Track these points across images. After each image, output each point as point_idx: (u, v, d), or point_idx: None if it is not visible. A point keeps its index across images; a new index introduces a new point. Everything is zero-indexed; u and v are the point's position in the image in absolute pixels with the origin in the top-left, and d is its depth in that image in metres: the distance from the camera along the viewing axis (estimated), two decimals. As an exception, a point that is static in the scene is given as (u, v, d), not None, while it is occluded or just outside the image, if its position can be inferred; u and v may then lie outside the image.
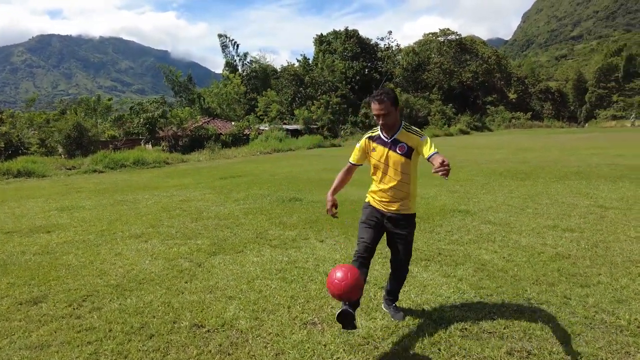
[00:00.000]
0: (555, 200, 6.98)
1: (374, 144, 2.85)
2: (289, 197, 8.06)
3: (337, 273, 2.33)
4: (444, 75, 55.91)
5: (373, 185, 2.94)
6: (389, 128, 2.75)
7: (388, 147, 2.76)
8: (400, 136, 2.74)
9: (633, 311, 2.95)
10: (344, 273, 2.31)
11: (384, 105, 2.67)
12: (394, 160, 2.74)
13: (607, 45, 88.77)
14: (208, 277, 3.93)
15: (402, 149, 2.72)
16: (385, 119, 2.70)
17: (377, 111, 2.70)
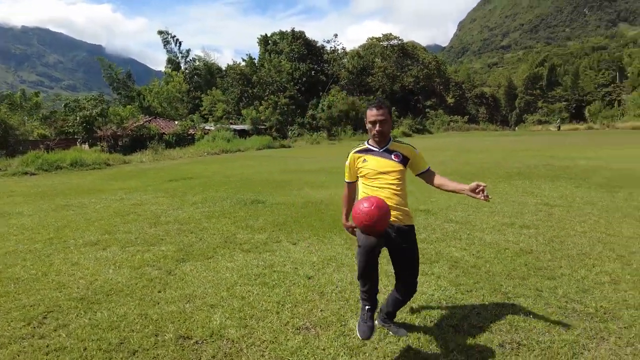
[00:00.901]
0: (506, 199, 7.44)
1: (363, 155, 2.73)
2: (250, 199, 7.88)
3: (364, 203, 2.30)
4: (387, 80, 57.74)
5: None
6: (383, 137, 2.66)
7: (382, 155, 2.66)
8: (393, 147, 2.68)
9: (597, 299, 3.22)
10: (369, 202, 2.29)
11: (383, 111, 2.60)
12: (390, 167, 2.63)
13: (531, 55, 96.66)
14: (183, 285, 3.73)
15: (397, 157, 2.64)
16: (383, 126, 2.61)
17: (375, 117, 2.60)
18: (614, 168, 11.31)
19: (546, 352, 2.50)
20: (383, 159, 2.66)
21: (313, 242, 4.99)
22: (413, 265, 2.65)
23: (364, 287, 2.51)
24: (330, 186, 9.45)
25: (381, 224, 2.29)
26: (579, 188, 8.34)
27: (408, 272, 2.65)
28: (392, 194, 2.62)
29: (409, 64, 62.78)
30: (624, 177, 9.67)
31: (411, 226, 2.66)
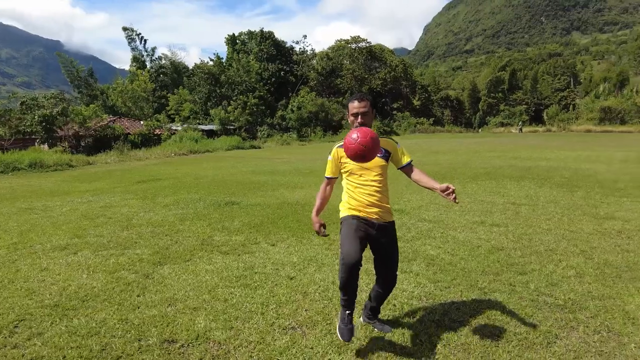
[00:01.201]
0: (475, 198, 7.72)
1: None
2: (224, 201, 7.79)
3: (353, 135, 2.40)
4: (356, 82, 58.40)
5: (349, 196, 2.73)
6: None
7: None
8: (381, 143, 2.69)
9: (565, 292, 3.42)
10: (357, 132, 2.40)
11: (364, 103, 2.63)
12: (374, 164, 2.63)
13: (493, 60, 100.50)
14: (162, 289, 3.66)
15: (380, 152, 2.64)
16: (364, 118, 2.63)
17: (357, 109, 2.63)
18: (571, 168, 11.96)
19: (523, 343, 2.64)
20: None
21: (292, 243, 5.01)
22: (393, 259, 2.70)
23: (345, 296, 2.60)
24: (305, 187, 9.48)
25: (372, 155, 2.41)
26: (541, 188, 8.76)
27: (388, 265, 2.70)
28: (375, 190, 2.66)
29: (377, 67, 63.71)
30: (581, 177, 10.23)
31: (391, 222, 2.73)
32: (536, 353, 2.52)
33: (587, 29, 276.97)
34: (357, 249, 2.49)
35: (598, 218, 5.98)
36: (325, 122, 44.83)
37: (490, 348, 2.59)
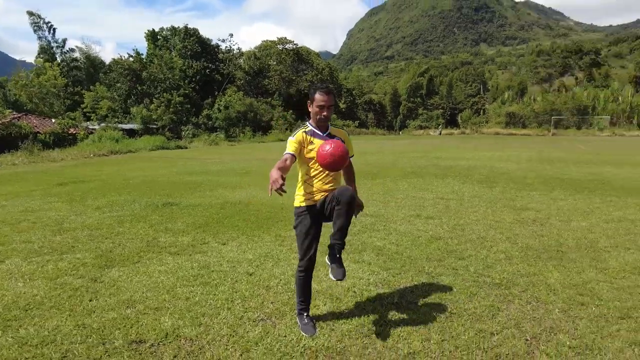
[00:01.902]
0: (407, 195, 8.27)
1: (311, 138, 2.80)
2: (160, 202, 7.49)
3: (326, 146, 2.57)
4: (284, 83, 58.62)
5: (307, 183, 2.85)
6: (327, 122, 2.83)
7: (325, 140, 2.73)
8: (333, 132, 2.86)
9: (499, 272, 3.88)
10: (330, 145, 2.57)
11: (331, 97, 2.76)
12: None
13: (412, 66, 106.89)
14: (116, 291, 3.50)
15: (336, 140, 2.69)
16: (329, 111, 2.77)
17: (323, 102, 2.72)
18: (487, 167, 13.25)
19: (472, 316, 2.98)
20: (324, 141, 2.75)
21: (243, 241, 5.02)
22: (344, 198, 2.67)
23: (301, 298, 2.87)
24: (245, 186, 9.42)
25: (341, 166, 2.65)
26: (464, 184, 9.62)
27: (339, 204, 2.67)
28: (333, 178, 2.83)
29: (304, 69, 64.49)
30: (496, 174, 11.39)
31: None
32: (485, 324, 2.87)
33: (492, 41, 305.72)
34: (313, 253, 2.80)
35: (516, 209, 6.76)
36: (255, 122, 44.36)
37: (446, 323, 2.89)
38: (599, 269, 3.93)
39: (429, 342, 2.65)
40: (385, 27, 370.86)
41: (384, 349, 2.58)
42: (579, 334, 2.74)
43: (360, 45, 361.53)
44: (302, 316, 2.89)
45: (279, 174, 2.44)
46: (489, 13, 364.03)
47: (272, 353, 2.54)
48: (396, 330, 2.80)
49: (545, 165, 14.02)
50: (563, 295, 3.33)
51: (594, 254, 4.38)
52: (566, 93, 58.17)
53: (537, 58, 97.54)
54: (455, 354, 2.50)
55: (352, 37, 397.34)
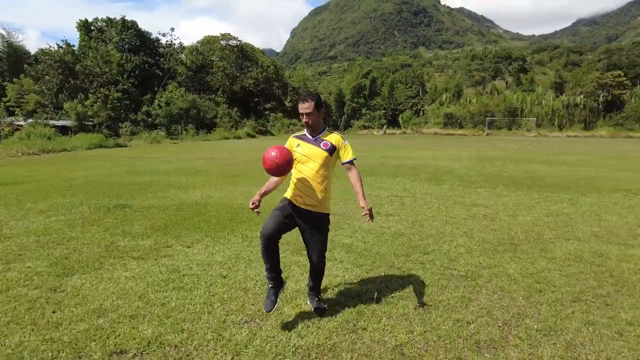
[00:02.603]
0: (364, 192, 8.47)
1: (298, 141, 3.03)
2: (111, 204, 7.08)
3: (272, 152, 2.78)
4: (227, 79, 57.41)
5: (291, 182, 3.07)
6: (313, 128, 2.98)
7: (312, 143, 2.98)
8: (324, 136, 3.00)
9: (463, 265, 4.14)
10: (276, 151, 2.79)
11: (307, 104, 2.92)
12: (317, 154, 2.94)
13: (355, 67, 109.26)
14: (82, 301, 3.28)
15: (325, 145, 2.95)
16: (309, 118, 2.93)
17: (301, 110, 2.94)
18: (432, 165, 13.92)
19: (447, 307, 3.17)
20: (313, 146, 2.97)
21: (209, 244, 4.90)
22: (314, 247, 3.02)
23: (266, 265, 2.95)
24: (198, 187, 9.14)
25: (283, 173, 2.88)
26: (414, 182, 10.05)
27: (313, 252, 3.03)
28: (315, 181, 2.94)
29: (249, 66, 63.56)
30: (442, 173, 12.02)
31: (324, 214, 3.04)
32: (460, 314, 3.07)
33: (430, 45, 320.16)
34: (275, 222, 2.87)
35: (466, 205, 7.20)
36: (198, 119, 42.99)
37: (425, 315, 3.05)
38: (548, 259, 4.33)
39: (412, 334, 2.78)
40: (329, 27, 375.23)
41: (372, 342, 2.68)
42: (542, 318, 3.01)
43: (304, 44, 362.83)
44: (269, 286, 2.99)
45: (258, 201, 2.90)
46: (427, 17, 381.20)
47: (264, 354, 2.54)
48: (380, 325, 2.91)
49: (485, 163, 14.99)
50: (523, 284, 3.64)
51: (541, 245, 4.81)
52: (498, 96, 62.45)
53: (471, 62, 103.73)
54: (439, 344, 2.65)
55: (295, 35, 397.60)
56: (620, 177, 11.02)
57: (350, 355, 2.53)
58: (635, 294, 3.46)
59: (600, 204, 7.21)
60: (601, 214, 6.48)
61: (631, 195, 8.17)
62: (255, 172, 12.16)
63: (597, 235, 5.24)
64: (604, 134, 45.46)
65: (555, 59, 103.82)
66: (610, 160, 16.81)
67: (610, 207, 6.97)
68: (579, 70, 68.52)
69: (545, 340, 2.71)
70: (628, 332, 2.83)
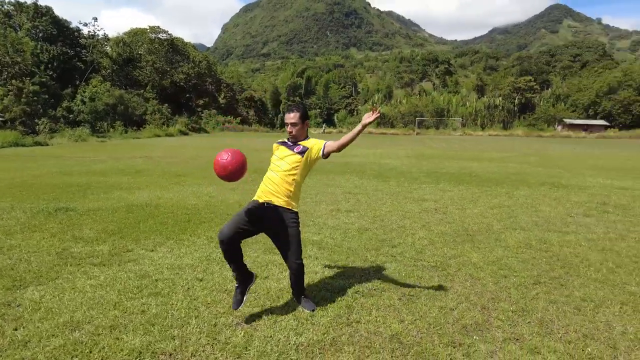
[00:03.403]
0: (318, 190, 8.58)
1: (279, 146, 3.21)
2: (51, 207, 6.46)
3: (224, 155, 2.81)
4: (157, 74, 54.65)
5: (261, 183, 3.15)
6: (295, 138, 3.11)
7: (289, 148, 3.11)
8: (302, 142, 3.11)
9: (431, 256, 4.37)
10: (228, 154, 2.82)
11: (292, 115, 3.07)
12: (289, 156, 3.06)
13: (289, 65, 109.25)
14: (46, 315, 2.99)
15: (298, 148, 3.08)
16: (293, 127, 3.07)
17: (287, 120, 3.09)
18: (376, 163, 14.42)
19: (429, 296, 3.34)
20: (287, 150, 3.10)
21: (173, 246, 4.68)
22: (293, 247, 3.02)
23: (231, 267, 2.98)
24: (143, 187, 8.64)
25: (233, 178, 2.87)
26: (362, 179, 10.35)
27: (288, 252, 3.04)
28: (281, 180, 3.01)
29: (179, 61, 60.96)
30: (386, 170, 12.50)
31: (290, 210, 3.03)
32: (442, 301, 3.25)
33: (361, 46, 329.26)
34: (232, 227, 2.89)
35: (417, 200, 7.58)
36: (126, 116, 40.44)
37: (410, 305, 3.19)
38: (503, 247, 4.72)
39: (404, 323, 2.91)
40: (261, 24, 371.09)
41: (369, 334, 2.75)
42: (513, 300, 3.30)
43: (236, 40, 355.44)
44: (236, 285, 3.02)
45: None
46: (358, 19, 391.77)
47: (267, 354, 2.51)
48: (372, 317, 3.00)
49: (422, 161, 15.84)
50: (488, 271, 3.94)
51: (494, 235, 5.22)
52: (426, 97, 66.06)
53: (400, 64, 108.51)
54: (431, 330, 2.80)
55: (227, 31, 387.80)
56: (541, 172, 12.24)
57: (353, 347, 2.58)
58: (581, 274, 3.91)
59: (533, 197, 7.98)
60: (536, 205, 7.18)
61: (555, 188, 9.13)
62: (200, 170, 11.77)
63: (538, 225, 5.81)
64: (520, 133, 50.05)
65: (476, 63, 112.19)
66: (529, 157, 18.58)
67: (541, 199, 7.74)
68: (497, 75, 74.78)
69: (521, 320, 2.98)
70: (584, 307, 3.20)
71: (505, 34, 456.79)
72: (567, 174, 11.82)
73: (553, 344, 2.65)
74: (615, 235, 5.33)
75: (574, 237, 5.20)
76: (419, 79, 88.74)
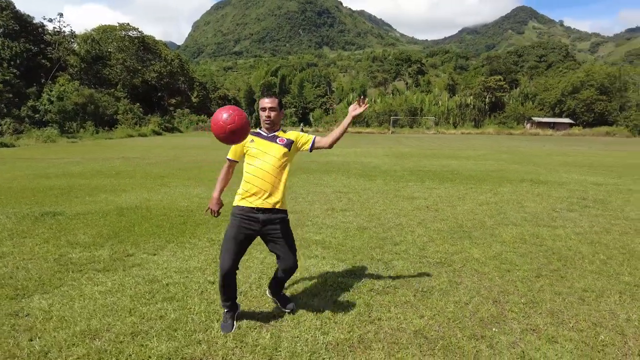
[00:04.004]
0: (308, 190, 8.60)
1: (252, 137, 2.90)
2: (37, 212, 6.22)
3: (224, 114, 2.50)
4: (128, 73, 53.18)
5: (244, 181, 2.88)
6: (272, 125, 2.91)
7: (268, 139, 2.89)
8: (279, 134, 2.93)
9: (434, 252, 4.48)
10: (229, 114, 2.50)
11: (272, 99, 2.87)
12: (274, 149, 2.86)
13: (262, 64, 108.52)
14: (60, 324, 2.90)
15: (282, 141, 2.89)
16: (271, 112, 2.86)
17: (265, 104, 2.85)
18: (358, 162, 14.56)
19: (441, 292, 3.43)
20: (269, 142, 2.88)
21: (175, 250, 4.61)
22: (293, 249, 2.93)
23: (224, 297, 2.91)
24: (128, 189, 8.43)
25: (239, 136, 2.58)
26: (349, 178, 10.44)
27: (287, 255, 2.90)
28: (273, 175, 2.82)
29: (151, 59, 59.51)
30: (369, 169, 12.65)
31: (283, 210, 2.91)
32: (455, 296, 3.35)
33: (334, 45, 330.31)
34: (232, 256, 2.78)
35: (407, 198, 7.72)
36: (97, 116, 39.15)
37: (426, 300, 3.28)
38: (500, 242, 4.89)
39: (424, 318, 2.99)
40: (233, 22, 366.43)
41: (393, 331, 2.81)
42: (522, 293, 3.44)
43: (207, 38, 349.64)
44: (226, 314, 2.94)
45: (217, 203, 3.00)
46: (330, 18, 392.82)
47: (299, 355, 2.53)
48: (392, 314, 3.06)
49: (402, 159, 16.09)
50: (492, 266, 4.08)
51: (489, 231, 5.40)
52: (400, 96, 67.01)
53: (372, 63, 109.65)
54: (451, 325, 2.89)
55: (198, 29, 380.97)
56: (519, 169, 12.69)
57: (381, 344, 2.64)
58: (577, 266, 4.11)
59: (517, 193, 8.28)
60: (521, 201, 7.45)
61: (535, 184, 9.50)
62: (182, 172, 11.59)
63: (527, 220, 6.04)
64: (491, 131, 51.55)
65: (446, 63, 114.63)
66: (503, 154, 19.20)
67: (525, 195, 8.04)
68: (467, 74, 76.68)
69: (533, 311, 3.11)
70: (587, 298, 3.37)
71: (474, 34, 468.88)
72: (542, 171, 12.31)
73: (567, 333, 2.79)
74: (599, 228, 5.61)
75: (563, 231, 5.44)
76: (392, 78, 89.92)
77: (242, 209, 2.84)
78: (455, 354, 2.54)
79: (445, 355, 2.53)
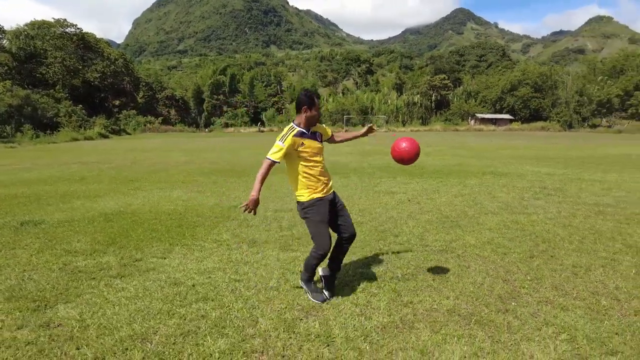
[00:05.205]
0: (289, 189, 8.72)
1: (301, 139, 3.19)
2: (14, 221, 5.87)
3: (403, 143, 3.42)
4: (67, 72, 50.04)
5: (308, 179, 3.23)
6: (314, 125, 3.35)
7: (311, 138, 3.26)
8: (316, 129, 3.35)
9: (432, 240, 4.81)
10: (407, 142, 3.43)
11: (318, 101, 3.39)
12: (319, 147, 3.32)
13: (208, 63, 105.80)
14: (102, 331, 2.87)
15: (319, 137, 3.36)
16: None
17: (317, 106, 3.30)
18: (327, 160, 14.77)
19: (457, 275, 3.75)
20: (314, 141, 3.28)
21: (184, 252, 4.60)
22: (349, 216, 3.50)
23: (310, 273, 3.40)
24: (103, 195, 8.11)
25: (410, 162, 3.47)
26: (323, 176, 10.65)
27: (349, 222, 3.43)
28: (324, 169, 3.35)
29: (92, 58, 56.34)
30: (339, 166, 12.96)
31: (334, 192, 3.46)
32: (470, 278, 3.68)
33: (281, 44, 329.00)
34: (330, 238, 3.22)
35: (387, 193, 8.07)
36: (35, 119, 36.55)
37: (445, 283, 3.57)
38: (488, 229, 5.33)
39: (450, 299, 3.27)
40: (176, 20, 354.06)
41: (429, 311, 3.06)
42: (524, 272, 3.84)
43: (149, 36, 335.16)
44: (310, 284, 3.41)
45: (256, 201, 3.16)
46: (277, 17, 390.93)
47: (353, 339, 2.71)
48: (420, 297, 3.31)
49: (366, 157, 16.56)
50: (489, 250, 4.47)
51: (474, 220, 5.85)
52: (351, 95, 68.27)
53: (321, 63, 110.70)
54: (476, 302, 3.20)
55: (138, 26, 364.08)
56: (477, 163, 13.55)
57: (423, 324, 2.88)
58: (560, 247, 4.60)
59: (485, 185, 8.91)
60: (491, 192, 8.05)
61: (497, 176, 10.25)
62: (150, 174, 11.29)
63: (502, 209, 6.58)
64: (438, 128, 53.94)
65: (392, 62, 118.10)
66: (457, 150, 20.31)
67: (492, 187, 8.68)
68: (413, 73, 79.56)
69: (539, 286, 3.50)
70: (579, 272, 3.83)
71: (416, 34, 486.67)
72: (498, 164, 13.24)
73: (574, 302, 3.19)
74: (566, 213, 6.25)
75: (537, 217, 6.01)
76: (342, 77, 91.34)
77: (321, 199, 3.24)
78: (489, 326, 2.84)
79: (482, 327, 2.82)
